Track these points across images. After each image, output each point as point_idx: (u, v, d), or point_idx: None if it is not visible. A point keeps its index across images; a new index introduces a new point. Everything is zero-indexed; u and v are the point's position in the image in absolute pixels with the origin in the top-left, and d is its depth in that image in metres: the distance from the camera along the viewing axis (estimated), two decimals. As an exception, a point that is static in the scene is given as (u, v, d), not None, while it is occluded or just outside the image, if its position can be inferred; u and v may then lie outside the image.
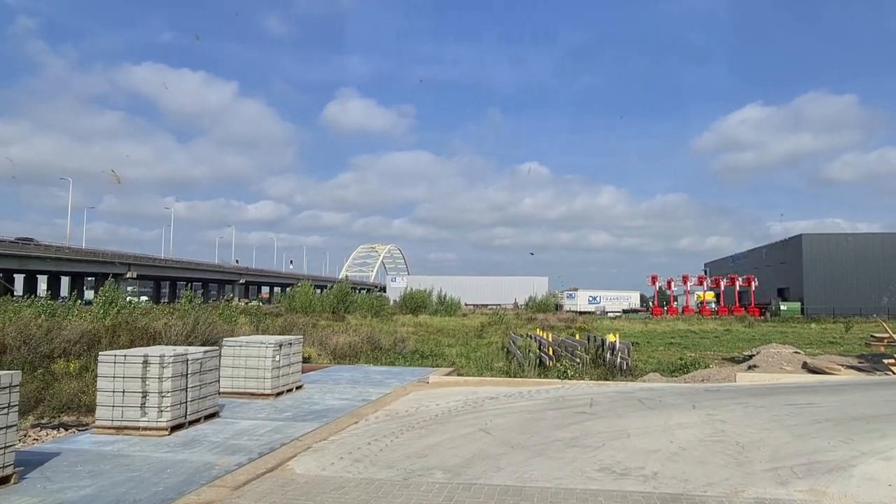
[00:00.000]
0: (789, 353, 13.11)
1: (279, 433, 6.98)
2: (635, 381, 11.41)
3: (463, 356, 21.27)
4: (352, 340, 19.80)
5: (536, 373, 15.50)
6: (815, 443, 6.26)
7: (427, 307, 64.08)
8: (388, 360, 18.04)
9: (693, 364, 16.86)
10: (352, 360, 17.72)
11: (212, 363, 7.69)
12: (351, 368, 13.46)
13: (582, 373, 14.50)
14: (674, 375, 15.65)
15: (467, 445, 6.42)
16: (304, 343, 19.06)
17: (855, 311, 61.98)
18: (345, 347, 18.71)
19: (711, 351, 26.50)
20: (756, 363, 12.57)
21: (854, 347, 27.37)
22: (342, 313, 52.61)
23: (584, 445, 6.34)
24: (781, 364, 12.30)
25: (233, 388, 9.33)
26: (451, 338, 30.73)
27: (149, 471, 5.44)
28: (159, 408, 6.75)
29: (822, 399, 8.54)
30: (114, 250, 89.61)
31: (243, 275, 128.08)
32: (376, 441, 6.63)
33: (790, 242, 75.02)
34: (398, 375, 12.16)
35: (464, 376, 13.56)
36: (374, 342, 20.40)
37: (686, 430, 6.99)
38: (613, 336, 17.86)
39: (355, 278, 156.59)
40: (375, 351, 19.86)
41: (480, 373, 16.33)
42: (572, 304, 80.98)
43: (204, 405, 7.49)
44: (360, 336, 20.33)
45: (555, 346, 18.80)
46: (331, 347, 18.58)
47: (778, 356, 12.80)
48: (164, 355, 6.82)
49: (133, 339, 16.41)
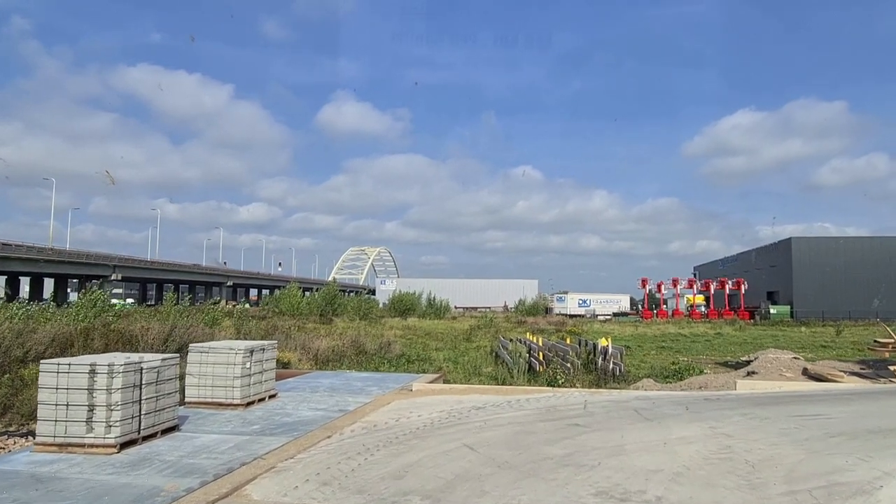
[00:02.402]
0: (788, 358, 12.61)
1: (242, 450, 6.31)
2: (630, 390, 10.83)
3: (451, 361, 20.64)
4: (336, 344, 19.11)
5: (526, 378, 14.91)
6: (832, 461, 5.69)
7: (416, 310, 63.42)
8: (372, 366, 17.38)
9: (687, 370, 16.35)
10: (335, 366, 17.04)
11: (170, 372, 7.01)
12: (332, 374, 12.79)
13: (573, 379, 13.92)
14: (668, 381, 15.11)
15: (450, 464, 5.79)
16: (286, 348, 18.35)
17: (844, 315, 61.96)
18: (328, 352, 18.02)
19: (704, 355, 26.05)
20: (754, 369, 12.05)
21: (846, 352, 27.03)
22: (330, 316, 51.86)
23: (579, 464, 5.73)
24: (781, 370, 11.78)
25: (199, 398, 8.64)
26: (439, 341, 30.10)
27: (83, 499, 4.75)
28: (107, 423, 6.06)
29: (832, 410, 8.00)
30: (98, 251, 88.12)
31: (230, 277, 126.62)
32: (349, 459, 5.98)
33: (780, 246, 75.13)
34: (380, 382, 11.51)
35: (450, 383, 12.94)
36: (359, 346, 19.72)
37: (688, 445, 6.40)
38: (605, 340, 17.32)
39: (345, 281, 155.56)
40: (360, 355, 19.19)
41: (468, 379, 15.71)
42: (562, 308, 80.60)
43: (161, 418, 6.80)
44: (344, 340, 19.64)
45: (545, 351, 18.21)
46: (313, 352, 17.87)
47: (777, 362, 12.29)
48: (114, 364, 6.14)
49: (108, 343, 15.68)
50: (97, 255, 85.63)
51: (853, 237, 74.55)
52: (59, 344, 15.48)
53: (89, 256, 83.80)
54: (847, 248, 70.63)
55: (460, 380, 15.30)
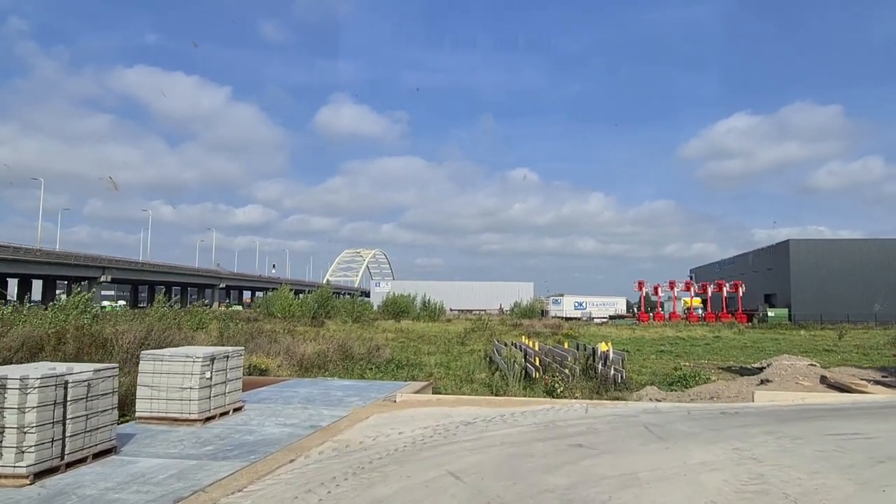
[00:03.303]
0: (804, 365, 11.66)
1: (183, 479, 5.28)
2: (636, 402, 9.85)
3: (442, 366, 19.64)
4: (321, 349, 18.07)
5: (522, 386, 13.94)
6: (891, 496, 4.73)
7: (410, 312, 62.38)
8: (358, 372, 16.35)
9: (692, 377, 15.39)
10: (319, 372, 16.02)
11: (107, 385, 5.99)
12: (311, 383, 11.77)
13: (573, 387, 12.95)
14: (673, 389, 14.16)
15: (428, 500, 4.79)
16: (269, 352, 17.31)
17: (842, 318, 61.20)
18: (313, 357, 16.98)
19: (706, 360, 25.13)
20: (768, 377, 11.09)
21: (851, 356, 26.14)
22: (322, 319, 50.82)
23: (585, 500, 4.74)
24: (797, 378, 10.84)
25: (151, 413, 7.61)
26: (432, 345, 29.10)
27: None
28: (19, 448, 5.04)
29: (869, 427, 7.05)
30: (87, 253, 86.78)
31: (223, 279, 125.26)
32: (309, 492, 4.97)
33: (778, 248, 74.45)
34: (363, 392, 10.50)
35: (439, 393, 11.96)
36: (346, 351, 18.68)
37: (713, 472, 5.42)
38: (605, 345, 16.35)
39: (340, 283, 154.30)
40: (347, 361, 18.16)
41: (460, 386, 14.73)
42: (558, 310, 79.66)
43: (93, 440, 5.78)
44: (330, 344, 18.60)
45: (542, 356, 17.24)
46: (297, 357, 16.84)
47: (792, 369, 11.34)
48: (28, 378, 5.11)
49: (80, 347, 14.72)
50: (86, 257, 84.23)
51: (852, 239, 73.92)
52: (30, 348, 14.49)
53: (78, 258, 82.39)
54: (845, 250, 69.97)
55: (451, 387, 14.32)
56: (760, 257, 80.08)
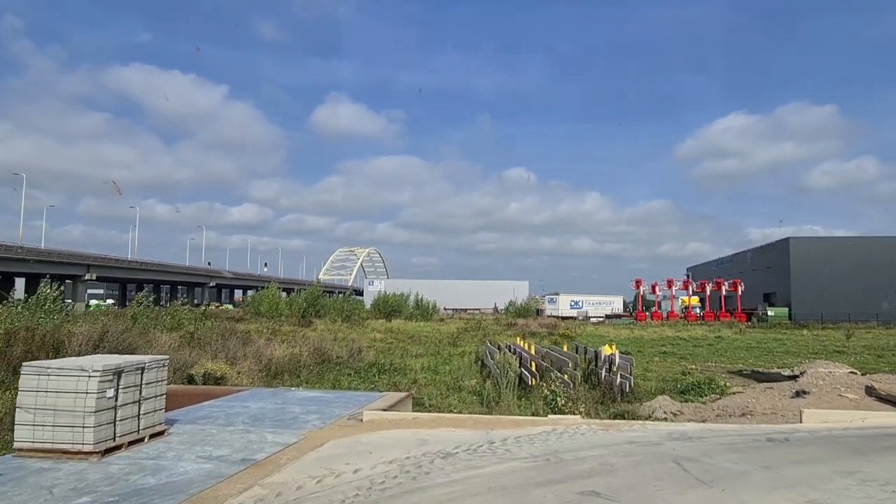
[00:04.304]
0: (843, 373, 9.97)
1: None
2: (656, 422, 8.14)
3: (430, 370, 17.92)
4: (294, 352, 16.31)
5: (516, 394, 12.24)
6: None
7: (402, 312, 60.65)
8: (333, 379, 14.61)
9: (707, 384, 13.70)
10: (289, 379, 14.27)
11: None
12: (270, 394, 10.01)
13: (575, 398, 11.24)
14: (688, 400, 12.46)
15: None
16: (232, 357, 15.50)
17: (844, 318, 59.82)
18: (283, 361, 15.22)
19: (712, 362, 23.52)
20: (804, 387, 9.39)
21: (866, 359, 24.56)
22: (310, 318, 49.13)
23: None
24: (838, 389, 9.17)
25: (34, 443, 5.84)
26: (422, 346, 27.39)
27: None
28: None
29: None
30: (72, 250, 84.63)
31: (214, 277, 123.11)
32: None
33: (777, 246, 72.99)
34: (327, 406, 8.76)
35: (420, 405, 10.24)
36: (323, 354, 16.93)
37: (793, 546, 3.71)
38: (610, 347, 14.66)
39: (333, 282, 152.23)
40: (323, 365, 16.42)
41: (446, 395, 13.01)
42: (554, 309, 78.06)
43: None
44: (305, 347, 16.83)
45: (538, 360, 15.54)
46: (265, 361, 15.07)
47: (831, 378, 9.65)
48: None
49: (29, 350, 13.06)
50: (70, 254, 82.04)
51: (853, 237, 72.54)
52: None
53: (62, 255, 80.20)
54: (847, 248, 68.59)
55: (437, 397, 12.59)
56: (759, 255, 78.66)
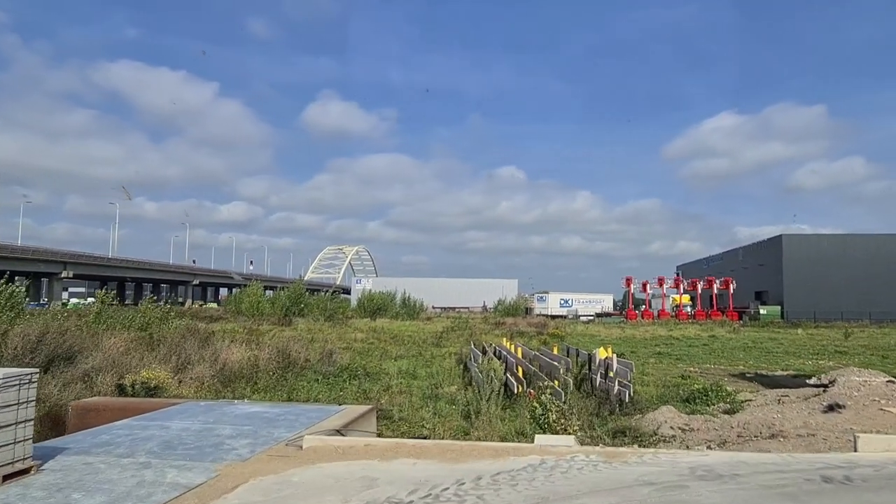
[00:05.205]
0: (881, 382, 8.54)
1: None
2: (670, 451, 6.66)
3: (408, 374, 16.38)
4: (255, 356, 14.68)
5: (500, 405, 10.75)
6: None
7: (388, 310, 59.08)
8: (294, 387, 13.02)
9: (714, 392, 12.24)
10: (245, 386, 12.67)
11: None
12: (204, 409, 8.40)
13: (568, 410, 9.74)
14: (695, 410, 11.00)
15: None
16: (190, 360, 13.85)
17: (836, 316, 59.00)
18: (238, 367, 13.59)
19: (710, 364, 22.17)
20: (837, 399, 7.95)
21: (870, 359, 23.31)
22: (293, 317, 47.47)
23: None
24: (878, 402, 7.75)
25: None
26: (405, 346, 25.85)
27: None
28: None
29: None
30: (48, 248, 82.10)
31: (197, 275, 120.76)
32: None
33: (769, 243, 72.07)
34: (266, 426, 7.18)
35: (378, 429, 8.69)
36: (287, 358, 15.31)
37: None
38: (605, 350, 13.18)
39: (321, 280, 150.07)
40: (287, 369, 14.81)
41: (421, 405, 11.48)
42: (543, 308, 76.79)
43: None
44: (265, 350, 15.19)
45: (526, 364, 14.04)
46: (219, 367, 13.43)
47: (867, 388, 8.23)
48: None
49: None
50: (46, 251, 79.56)
51: (847, 234, 71.72)
52: None
53: (37, 252, 77.72)
54: (840, 246, 67.81)
55: (409, 409, 11.06)
56: (751, 253, 77.79)
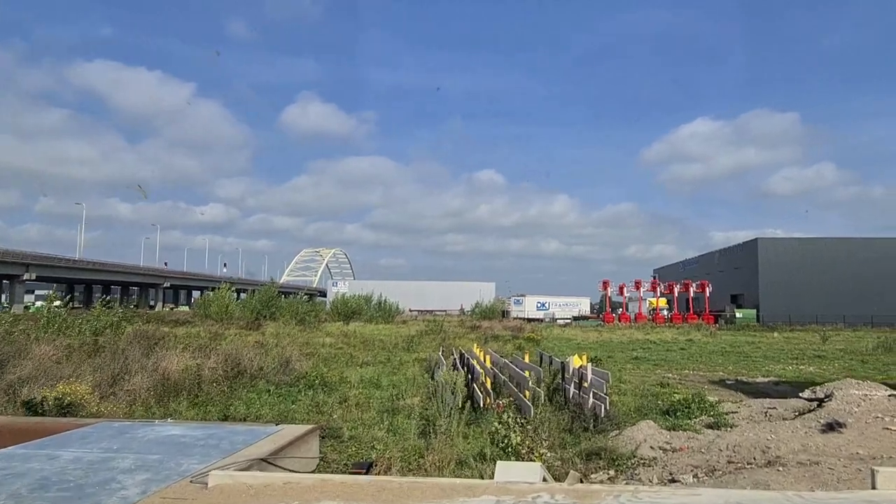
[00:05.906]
0: (882, 396, 7.70)
1: None
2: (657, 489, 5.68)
3: (370, 384, 15.23)
4: (199, 364, 13.43)
5: (465, 421, 9.69)
6: None
7: (363, 313, 57.66)
8: (236, 399, 11.81)
9: (696, 403, 11.34)
10: (186, 398, 11.45)
11: None
12: (116, 432, 7.18)
13: (535, 432, 8.73)
14: (676, 426, 10.08)
15: None
16: (128, 370, 12.59)
17: (811, 320, 59.33)
18: (180, 378, 12.33)
19: (689, 369, 21.38)
20: (836, 416, 7.06)
21: (850, 364, 22.84)
22: (265, 320, 45.86)
23: None
24: (881, 419, 6.90)
25: None
26: (374, 351, 24.62)
27: None
28: None
29: None
30: (8, 249, 78.86)
31: (168, 278, 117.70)
32: None
33: (745, 247, 72.48)
34: (177, 455, 6.01)
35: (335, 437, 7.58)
36: (237, 366, 14.09)
37: None
38: (580, 359, 12.21)
39: (297, 283, 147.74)
40: (237, 379, 13.59)
41: (377, 420, 10.37)
42: (520, 311, 76.12)
43: None
44: (213, 359, 13.94)
45: (496, 371, 13.02)
46: (160, 376, 12.17)
47: (868, 404, 7.37)
48: None
49: None
50: (6, 253, 76.39)
51: (821, 238, 72.31)
52: None
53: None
54: (815, 249, 68.37)
55: (361, 425, 9.94)
56: (727, 256, 78.19)
